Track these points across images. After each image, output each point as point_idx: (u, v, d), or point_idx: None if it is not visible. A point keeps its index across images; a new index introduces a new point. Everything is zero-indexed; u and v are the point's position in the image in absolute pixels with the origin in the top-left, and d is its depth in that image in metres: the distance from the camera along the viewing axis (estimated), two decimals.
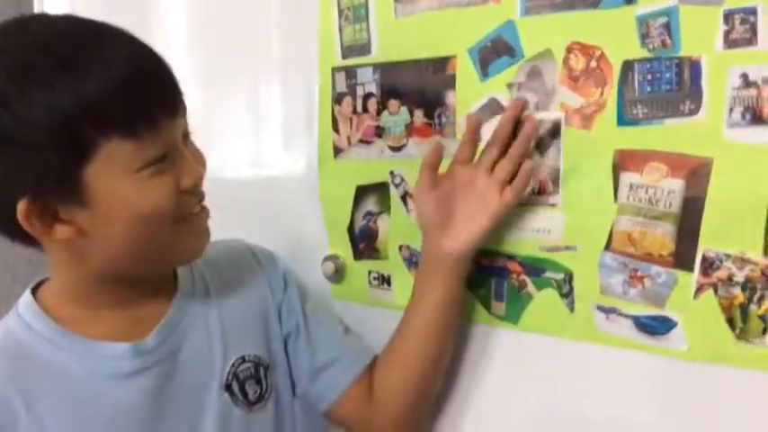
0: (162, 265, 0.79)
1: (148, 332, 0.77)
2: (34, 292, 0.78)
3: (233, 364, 0.82)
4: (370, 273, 0.99)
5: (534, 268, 0.85)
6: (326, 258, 1.00)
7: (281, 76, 1.05)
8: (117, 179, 0.66)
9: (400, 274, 0.96)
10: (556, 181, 0.82)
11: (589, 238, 0.81)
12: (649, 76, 0.75)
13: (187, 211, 0.73)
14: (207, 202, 0.77)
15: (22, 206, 0.66)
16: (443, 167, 0.86)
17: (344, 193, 0.98)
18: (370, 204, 0.97)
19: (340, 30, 0.95)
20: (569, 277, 0.82)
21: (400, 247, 0.95)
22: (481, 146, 0.84)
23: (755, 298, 0.71)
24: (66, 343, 0.74)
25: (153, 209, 0.69)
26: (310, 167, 1.01)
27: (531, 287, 0.85)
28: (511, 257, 0.86)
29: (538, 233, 0.84)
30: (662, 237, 0.76)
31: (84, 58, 0.64)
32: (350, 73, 0.95)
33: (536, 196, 0.83)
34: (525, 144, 0.80)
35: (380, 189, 0.95)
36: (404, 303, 0.88)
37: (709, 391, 0.75)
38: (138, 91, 0.66)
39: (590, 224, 0.80)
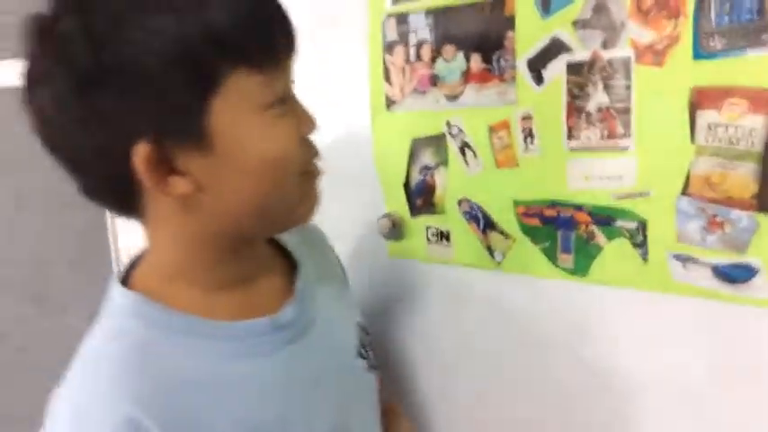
0: (281, 225, 0.71)
1: (276, 305, 0.71)
2: (125, 281, 0.68)
3: (356, 331, 0.81)
4: (428, 229, 0.96)
5: (604, 217, 0.81)
6: (383, 216, 0.98)
7: (331, 30, 1.01)
8: (243, 117, 0.61)
9: (460, 230, 0.93)
10: (627, 123, 0.77)
11: (664, 183, 0.76)
12: (727, 5, 0.69)
13: (310, 163, 0.68)
14: None
15: (142, 150, 0.58)
16: (500, 116, 0.82)
17: (399, 147, 0.95)
18: (427, 157, 0.93)
19: None
20: (643, 226, 0.78)
21: (459, 202, 0.92)
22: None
23: None
24: (201, 330, 0.65)
25: (283, 153, 0.63)
26: (362, 122, 0.98)
27: (600, 238, 0.81)
28: (578, 207, 0.82)
29: (608, 180, 0.80)
30: (744, 178, 0.71)
31: None
32: (401, 19, 0.91)
33: (605, 141, 0.78)
34: None
35: (437, 141, 0.92)
36: (464, 259, 0.85)
37: None
38: (264, 24, 0.61)
39: (665, 167, 0.75)
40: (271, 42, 0.62)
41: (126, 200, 0.64)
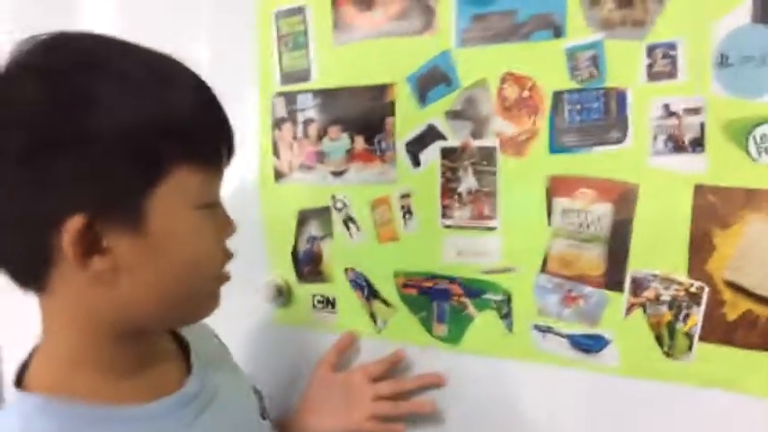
0: (180, 321, 0.71)
1: (178, 383, 0.70)
2: (21, 381, 0.64)
3: (254, 395, 0.83)
4: (314, 296, 1.00)
5: (474, 290, 0.88)
6: (269, 282, 1.00)
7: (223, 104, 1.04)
8: (180, 210, 0.61)
9: (345, 297, 0.97)
10: (493, 206, 0.84)
11: (526, 260, 0.84)
12: (578, 106, 0.78)
13: (224, 267, 0.70)
14: None
15: (75, 222, 0.56)
16: (381, 193, 0.89)
17: (287, 217, 0.99)
18: (314, 228, 0.97)
19: (279, 56, 0.96)
20: (508, 298, 0.85)
21: (345, 270, 0.96)
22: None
23: (681, 316, 0.76)
24: (113, 417, 0.63)
25: (206, 254, 0.65)
26: (250, 192, 1.01)
27: (471, 309, 0.88)
28: (452, 280, 0.89)
29: (478, 256, 0.87)
30: (593, 258, 0.80)
31: (179, 77, 0.62)
32: (290, 99, 0.96)
33: (475, 220, 0.86)
34: (419, 384, 0.92)
35: (323, 213, 0.96)
36: (349, 325, 0.89)
37: (639, 407, 0.79)
38: (215, 126, 0.64)
39: (526, 247, 0.83)
40: (219, 145, 0.64)
41: (34, 267, 0.61)
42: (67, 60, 0.58)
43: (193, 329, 0.80)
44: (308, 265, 0.99)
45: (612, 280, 0.79)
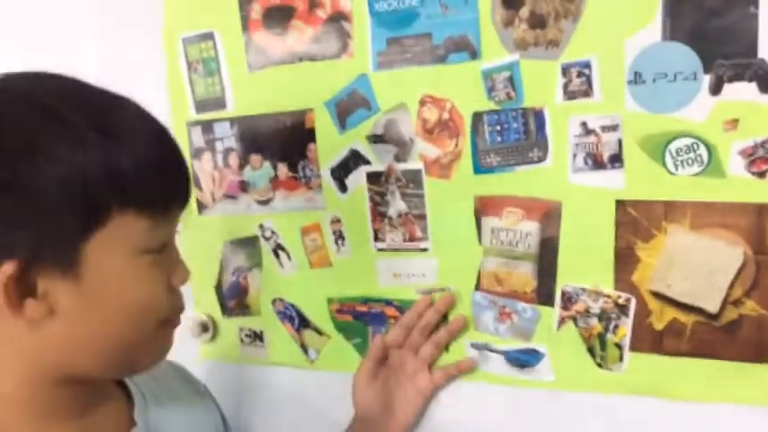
0: (126, 369, 0.68)
1: None
2: None
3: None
4: (241, 330, 0.97)
5: None
6: (193, 318, 0.98)
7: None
8: (119, 257, 0.59)
9: (274, 329, 0.95)
10: (424, 227, 0.84)
11: (460, 279, 0.84)
12: (498, 127, 0.78)
13: (173, 313, 0.66)
14: None
15: (7, 268, 0.55)
16: (311, 219, 0.87)
17: (211, 250, 0.96)
18: (240, 260, 0.95)
19: (191, 83, 0.92)
20: (444, 317, 0.85)
21: (273, 301, 0.94)
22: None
23: (611, 327, 0.77)
24: None
25: (149, 301, 0.62)
26: None
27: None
28: (387, 303, 0.88)
29: (413, 277, 0.86)
30: (524, 275, 0.80)
31: (125, 123, 0.59)
32: (206, 128, 0.93)
33: (408, 243, 0.85)
34: (450, 336, 0.86)
35: (250, 243, 0.94)
36: (278, 359, 0.87)
37: (575, 419, 0.81)
38: (165, 175, 0.61)
39: (459, 266, 0.83)
40: (167, 194, 0.62)
41: None
42: (8, 103, 0.57)
43: (154, 371, 0.77)
44: (234, 298, 0.97)
45: (543, 295, 0.80)
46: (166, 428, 0.73)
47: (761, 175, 0.69)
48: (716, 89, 0.68)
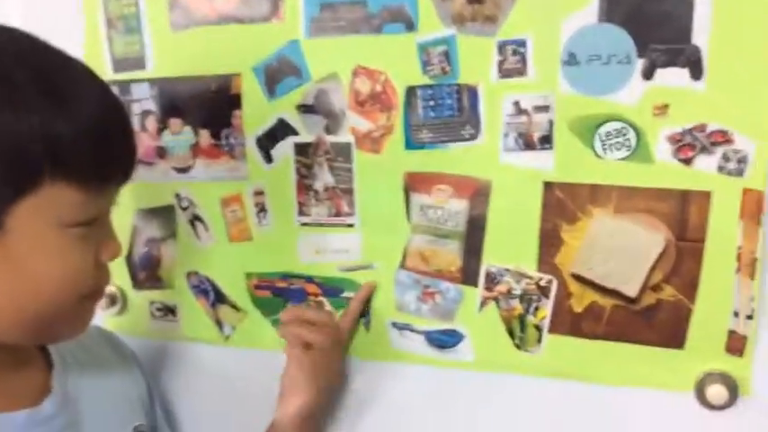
0: (46, 338, 0.68)
1: (35, 401, 0.67)
2: None
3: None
4: (152, 303, 0.93)
5: (332, 288, 0.85)
6: None
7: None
8: (44, 227, 0.58)
9: (187, 304, 0.91)
10: (351, 202, 0.82)
11: (385, 257, 0.82)
12: (432, 102, 0.77)
13: (97, 287, 0.65)
14: None
15: None
16: (232, 190, 0.84)
17: (121, 218, 0.89)
18: (153, 230, 0.90)
19: (110, 41, 0.87)
20: (368, 297, 0.83)
21: (188, 275, 0.90)
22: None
23: (531, 309, 0.77)
24: None
25: (72, 274, 0.61)
26: None
27: (328, 308, 0.85)
28: (309, 279, 0.85)
29: (336, 254, 0.84)
30: (451, 254, 0.79)
31: (73, 91, 0.57)
32: (123, 88, 0.87)
33: (333, 218, 0.83)
34: (360, 303, 0.83)
35: (165, 213, 0.89)
36: (191, 334, 0.83)
37: (492, 400, 0.81)
38: (106, 144, 0.59)
39: (385, 243, 0.82)
40: (104, 167, 0.60)
41: None
42: None
43: (85, 343, 0.77)
44: (146, 270, 0.92)
45: (468, 275, 0.79)
46: (86, 395, 0.73)
47: (687, 161, 0.70)
48: (648, 74, 0.69)
